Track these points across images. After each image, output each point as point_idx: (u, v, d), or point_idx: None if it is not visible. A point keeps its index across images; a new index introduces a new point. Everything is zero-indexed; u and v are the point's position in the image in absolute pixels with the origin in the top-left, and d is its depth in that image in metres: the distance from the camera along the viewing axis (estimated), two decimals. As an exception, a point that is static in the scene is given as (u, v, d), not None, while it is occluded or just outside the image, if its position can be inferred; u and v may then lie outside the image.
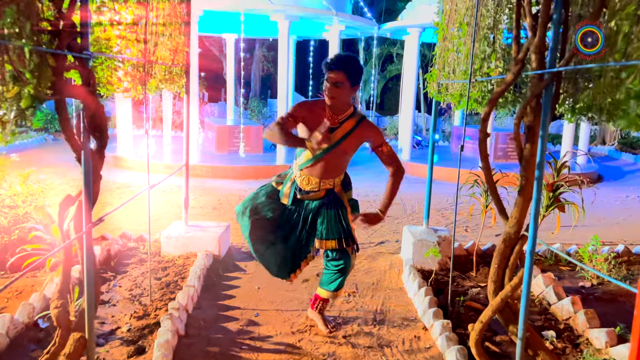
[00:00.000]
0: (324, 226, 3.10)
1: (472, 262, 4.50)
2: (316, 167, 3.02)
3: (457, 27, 3.89)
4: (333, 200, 3.11)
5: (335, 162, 3.04)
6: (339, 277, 3.16)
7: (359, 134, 2.97)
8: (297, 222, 3.18)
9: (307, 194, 3.11)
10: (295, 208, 3.17)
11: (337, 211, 3.11)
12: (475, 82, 3.37)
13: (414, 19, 10.14)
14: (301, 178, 3.09)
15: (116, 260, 4.19)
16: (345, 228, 3.12)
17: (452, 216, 6.58)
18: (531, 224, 2.45)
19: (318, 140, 2.65)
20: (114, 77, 3.12)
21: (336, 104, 2.92)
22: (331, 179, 3.08)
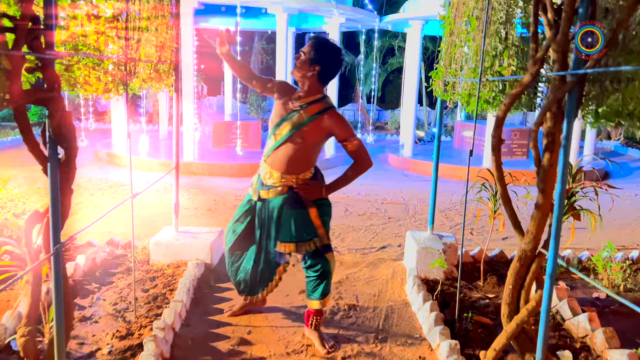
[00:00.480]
0: (281, 227, 2.95)
1: (479, 270, 4.26)
2: (277, 156, 2.89)
3: (464, 21, 3.62)
4: (294, 199, 2.92)
5: (298, 153, 2.87)
6: (320, 283, 3.01)
7: (323, 123, 2.82)
8: (261, 226, 3.06)
9: (268, 189, 2.96)
10: (261, 209, 3.04)
11: (298, 212, 2.91)
12: (486, 82, 3.11)
13: (416, 11, 9.84)
14: (265, 171, 2.97)
15: (102, 269, 3.94)
16: (308, 230, 2.93)
17: (456, 217, 6.34)
18: (551, 243, 2.20)
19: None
20: (93, 76, 2.87)
21: (298, 78, 2.84)
22: (294, 174, 2.90)
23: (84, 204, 6.33)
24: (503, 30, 3.04)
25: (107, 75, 2.90)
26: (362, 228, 5.73)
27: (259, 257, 3.17)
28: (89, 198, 6.62)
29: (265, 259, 3.15)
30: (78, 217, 5.72)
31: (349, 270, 4.31)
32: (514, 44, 2.99)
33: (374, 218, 6.21)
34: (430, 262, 4.06)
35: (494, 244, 5.19)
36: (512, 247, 5.23)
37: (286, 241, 2.94)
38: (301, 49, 2.86)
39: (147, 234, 5.13)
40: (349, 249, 4.93)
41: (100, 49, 2.84)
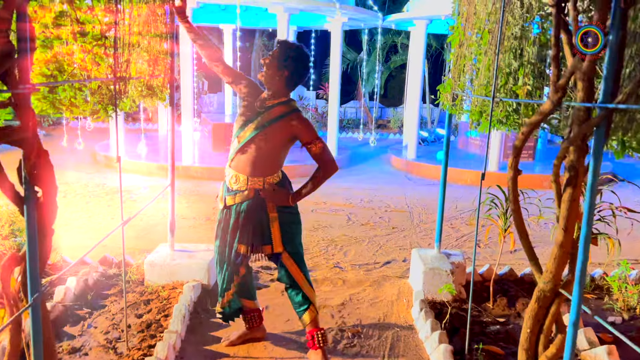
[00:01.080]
0: (242, 229, 2.90)
1: (487, 289, 4.08)
2: (242, 159, 2.85)
3: (474, 33, 3.42)
4: (258, 203, 2.88)
5: (263, 155, 2.83)
6: (296, 294, 2.99)
7: (287, 126, 2.82)
8: (228, 232, 2.97)
9: (235, 194, 2.89)
10: (228, 216, 2.96)
11: (261, 216, 2.90)
12: (499, 100, 2.91)
13: (420, 11, 9.61)
14: (230, 176, 2.93)
15: (94, 292, 3.77)
16: (264, 235, 2.93)
17: (462, 228, 6.15)
18: (575, 288, 2.01)
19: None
20: (79, 97, 2.68)
21: (266, 81, 2.83)
22: (260, 177, 2.86)
23: (79, 213, 6.16)
24: (518, 47, 2.84)
25: (94, 96, 2.71)
26: (365, 239, 5.55)
27: (226, 260, 3.04)
28: (84, 206, 6.45)
29: (228, 262, 3.04)
30: (73, 229, 5.55)
31: (353, 290, 4.13)
32: (529, 61, 2.80)
33: (377, 228, 6.03)
34: (438, 284, 3.89)
35: (502, 258, 5.01)
36: (520, 262, 5.05)
37: (242, 242, 2.93)
38: (270, 52, 2.83)
39: (143, 248, 4.97)
40: (352, 265, 4.75)
41: (87, 68, 2.66)
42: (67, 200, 6.67)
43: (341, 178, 8.74)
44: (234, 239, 2.94)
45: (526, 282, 4.34)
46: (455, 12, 3.80)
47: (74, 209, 6.30)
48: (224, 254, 3.01)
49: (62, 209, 6.20)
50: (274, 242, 2.93)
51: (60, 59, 2.56)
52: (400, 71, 19.65)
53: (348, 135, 14.67)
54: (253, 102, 2.87)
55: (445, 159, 4.07)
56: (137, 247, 5.00)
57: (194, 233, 5.60)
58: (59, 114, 2.65)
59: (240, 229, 2.91)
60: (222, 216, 2.99)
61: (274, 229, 2.92)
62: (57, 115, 2.65)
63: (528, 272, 4.39)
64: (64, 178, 7.96)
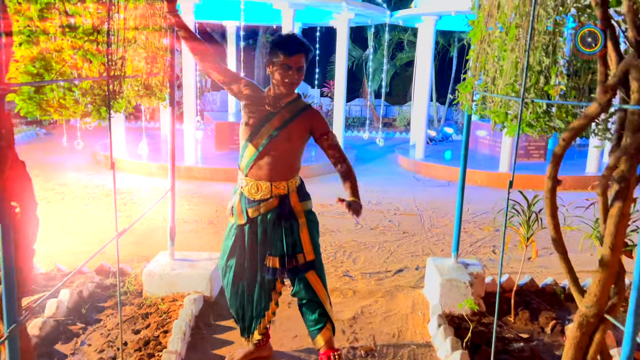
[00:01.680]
0: (272, 241, 2.68)
1: (507, 301, 3.84)
2: (262, 165, 2.62)
3: (496, 28, 3.17)
4: (288, 209, 2.66)
5: (283, 156, 2.63)
6: (312, 312, 2.72)
7: (306, 120, 2.64)
8: (253, 248, 2.73)
9: (258, 204, 2.65)
10: (253, 230, 2.71)
11: (289, 223, 2.67)
12: (529, 101, 2.66)
13: (429, 6, 9.34)
14: (249, 186, 2.66)
15: (89, 304, 3.54)
16: (295, 243, 2.67)
17: (476, 232, 5.90)
18: (629, 317, 1.76)
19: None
20: (69, 98, 2.44)
21: (295, 84, 2.60)
22: (283, 181, 2.65)
23: (77, 216, 5.93)
24: (550, 42, 2.59)
25: (86, 97, 2.47)
26: (375, 245, 5.30)
27: (254, 283, 2.80)
28: (83, 209, 6.22)
29: (261, 283, 2.80)
30: (69, 234, 5.32)
31: (364, 302, 3.89)
32: (563, 58, 2.54)
33: (387, 232, 5.78)
34: (456, 296, 3.64)
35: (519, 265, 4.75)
36: (539, 270, 4.80)
37: (273, 254, 2.69)
38: (293, 60, 2.53)
39: (143, 255, 4.74)
40: (362, 274, 4.50)
41: (77, 66, 2.42)
42: (64, 203, 6.44)
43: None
44: (264, 254, 2.71)
45: (548, 293, 4.09)
46: (475, 5, 3.54)
47: (72, 212, 6.07)
48: (242, 276, 2.76)
49: (59, 212, 6.01)
50: (305, 250, 2.69)
51: (48, 55, 2.32)
52: (405, 69, 19.36)
53: (353, 134, 14.40)
54: (258, 103, 2.63)
55: (463, 164, 3.82)
56: (136, 254, 4.77)
57: (196, 238, 5.37)
58: (47, 117, 2.42)
59: (271, 241, 2.68)
60: (237, 232, 2.73)
61: (304, 235, 2.70)
62: (45, 117, 2.41)
63: (550, 283, 4.14)
64: (63, 179, 7.74)
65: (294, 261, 2.68)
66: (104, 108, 2.55)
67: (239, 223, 2.71)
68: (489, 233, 5.84)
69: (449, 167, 9.22)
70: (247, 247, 2.73)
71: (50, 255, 4.64)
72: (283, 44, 2.52)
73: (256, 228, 2.69)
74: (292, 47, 2.51)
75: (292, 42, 2.53)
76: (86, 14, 2.43)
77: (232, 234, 2.76)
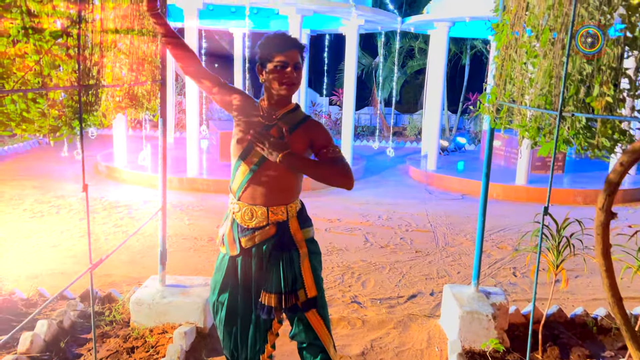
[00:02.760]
0: (267, 275, 2.31)
1: (534, 335, 3.45)
2: (257, 188, 2.24)
3: (523, 32, 2.81)
4: (287, 239, 2.28)
5: (281, 176, 2.23)
6: (315, 355, 2.34)
7: (306, 132, 2.24)
8: (250, 283, 2.35)
9: (253, 233, 2.26)
10: (246, 262, 2.33)
11: (290, 255, 2.29)
12: (568, 115, 2.29)
13: (443, 12, 9.00)
14: (242, 212, 2.27)
15: (69, 337, 3.20)
16: (295, 277, 2.29)
17: (494, 252, 5.50)
18: None
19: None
20: (34, 111, 2.11)
21: (291, 96, 2.25)
22: (282, 205, 2.27)
23: (71, 232, 5.61)
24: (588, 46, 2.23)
25: (54, 109, 2.14)
26: (385, 266, 4.93)
27: (248, 322, 2.42)
28: (78, 224, 5.91)
29: (256, 322, 2.41)
30: (61, 251, 5.00)
31: (374, 334, 3.52)
32: (609, 65, 2.18)
33: (398, 251, 5.41)
34: (477, 330, 3.27)
35: (541, 291, 4.36)
36: (565, 297, 4.40)
37: (269, 291, 2.30)
38: (289, 56, 2.17)
39: (135, 276, 4.40)
40: (372, 300, 4.13)
41: (43, 74, 2.09)
42: (59, 217, 6.13)
43: (357, 191, 8.14)
44: (259, 289, 2.33)
45: (578, 324, 3.69)
46: (500, 7, 3.18)
47: (65, 227, 5.76)
48: (235, 313, 2.39)
49: (52, 227, 5.69)
50: (307, 285, 2.31)
51: (7, 61, 1.99)
52: (415, 77, 19.01)
53: (362, 144, 14.04)
54: (250, 115, 2.28)
55: (485, 182, 3.44)
56: (128, 275, 4.43)
57: (194, 257, 5.02)
58: (8, 132, 2.09)
59: (266, 275, 2.31)
60: (229, 264, 2.37)
61: (305, 268, 2.32)
62: (6, 133, 2.08)
63: (580, 313, 3.75)
64: (60, 190, 7.45)
65: (294, 298, 2.31)
66: (76, 122, 2.22)
67: (231, 254, 2.35)
68: (508, 252, 5.45)
69: (463, 179, 8.83)
70: (240, 281, 2.37)
71: (36, 276, 4.32)
72: (273, 42, 2.19)
73: (250, 260, 2.32)
74: (284, 42, 2.18)
75: (283, 38, 2.20)
76: (57, 14, 2.10)
77: (223, 267, 2.39)
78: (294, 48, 2.17)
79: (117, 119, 9.02)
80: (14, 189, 7.44)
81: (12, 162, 9.70)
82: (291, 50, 2.16)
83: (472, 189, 8.45)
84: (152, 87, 3.06)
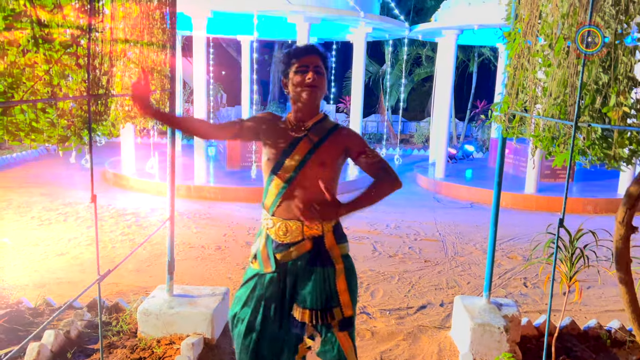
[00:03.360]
0: (301, 290, 2.25)
1: (548, 347, 3.38)
2: (291, 201, 2.17)
3: (535, 40, 2.78)
4: (323, 255, 2.22)
5: (315, 189, 2.09)
6: None
7: (340, 138, 2.22)
8: (284, 300, 2.29)
9: (288, 249, 2.21)
10: (280, 278, 2.27)
11: (325, 271, 2.22)
12: (584, 125, 2.25)
13: (450, 20, 8.98)
14: (276, 227, 2.22)
15: (76, 348, 3.17)
16: (331, 295, 2.22)
17: (504, 262, 5.44)
18: None
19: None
20: (43, 121, 2.10)
21: (314, 101, 2.19)
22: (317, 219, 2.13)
23: (79, 240, 5.60)
24: (610, 56, 2.19)
25: (63, 119, 2.13)
26: (394, 276, 4.88)
27: (279, 340, 2.35)
28: (85, 232, 5.90)
29: (286, 337, 2.34)
30: (67, 260, 4.99)
31: (384, 346, 3.47)
32: (626, 74, 2.14)
33: (407, 261, 5.35)
34: (489, 343, 3.21)
35: (555, 301, 4.29)
36: (579, 309, 4.34)
37: (303, 307, 2.24)
38: (308, 61, 2.17)
39: (143, 285, 4.38)
40: (381, 310, 4.08)
41: (53, 83, 2.08)
42: (67, 225, 6.13)
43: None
44: (292, 304, 2.28)
45: (591, 337, 3.62)
46: (512, 15, 3.15)
47: (73, 235, 5.75)
48: (254, 329, 2.31)
49: (60, 235, 5.69)
50: (343, 304, 2.24)
51: (17, 71, 1.98)
52: (422, 84, 18.99)
53: (370, 151, 13.98)
54: (280, 131, 2.23)
55: (497, 191, 3.39)
56: (135, 284, 4.41)
57: (201, 266, 5.00)
58: (17, 142, 2.07)
59: (301, 290, 2.25)
60: (259, 280, 2.29)
61: (341, 285, 2.24)
62: (15, 143, 2.07)
63: (593, 326, 3.68)
64: (68, 198, 7.46)
65: (328, 316, 2.23)
66: (85, 131, 2.21)
67: (265, 271, 2.26)
68: (519, 262, 5.38)
69: (472, 187, 8.77)
70: (271, 298, 2.28)
71: (43, 285, 4.30)
72: (294, 50, 2.21)
73: (285, 276, 2.25)
74: (304, 49, 2.19)
75: (303, 46, 2.22)
76: (67, 24, 2.09)
77: (251, 283, 2.32)
78: (313, 53, 2.17)
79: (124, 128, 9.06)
80: (22, 196, 7.46)
81: (20, 169, 9.74)
82: (310, 55, 2.16)
83: (481, 197, 8.39)
84: (162, 96, 3.05)
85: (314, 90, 2.15)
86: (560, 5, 2.49)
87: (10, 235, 5.64)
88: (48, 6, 2.01)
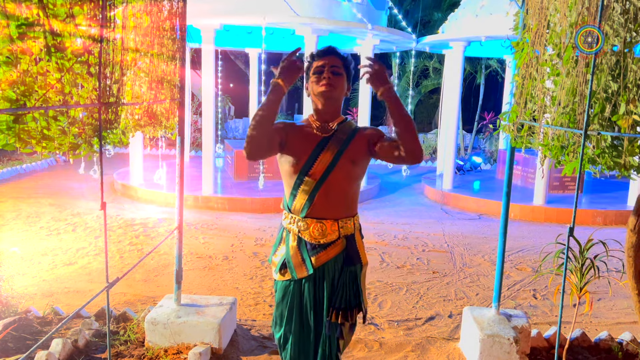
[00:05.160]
0: (335, 290, 2.23)
1: (558, 359, 3.34)
2: (327, 200, 2.18)
3: (543, 49, 2.78)
4: (354, 253, 2.24)
5: (348, 185, 2.21)
6: None
7: (363, 137, 2.24)
8: (322, 305, 2.26)
9: (324, 249, 2.19)
10: (315, 282, 2.25)
11: (355, 269, 2.25)
12: (593, 134, 2.24)
13: (457, 32, 9.01)
14: (311, 229, 2.20)
15: (84, 357, 3.17)
16: (357, 292, 2.26)
17: (513, 273, 5.39)
18: None
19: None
20: (55, 128, 2.12)
21: (332, 101, 2.20)
22: (350, 217, 2.24)
23: (87, 250, 5.62)
24: (619, 65, 2.19)
25: (74, 127, 2.15)
26: (402, 287, 4.85)
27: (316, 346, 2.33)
28: (93, 242, 5.92)
29: (324, 340, 2.30)
30: (76, 269, 5.00)
31: (392, 358, 3.44)
32: (636, 83, 2.13)
33: (415, 272, 5.32)
34: (498, 354, 3.18)
35: (565, 313, 4.24)
36: (587, 320, 4.28)
37: (337, 307, 2.22)
38: (325, 62, 2.18)
39: (150, 295, 4.38)
40: (389, 321, 4.05)
41: (64, 92, 2.10)
42: (75, 235, 6.15)
43: (372, 210, 8.09)
44: (328, 307, 2.23)
45: (602, 349, 3.58)
46: (520, 25, 3.16)
47: (81, 245, 5.77)
48: (303, 339, 2.29)
49: (68, 245, 5.71)
50: (364, 302, 2.29)
51: (29, 80, 2.01)
52: (429, 96, 18.99)
53: (377, 162, 13.95)
54: (305, 133, 2.24)
55: (505, 201, 3.38)
56: (143, 294, 4.41)
57: (209, 276, 4.99)
58: (28, 150, 2.09)
59: (336, 291, 2.22)
60: (295, 290, 2.26)
61: (363, 283, 2.30)
62: (27, 150, 2.09)
63: (604, 338, 3.63)
64: (77, 208, 7.50)
65: (354, 315, 2.25)
66: (96, 139, 2.22)
67: (299, 277, 2.23)
68: (528, 274, 5.33)
69: (480, 198, 8.73)
70: (309, 305, 2.25)
71: (51, 294, 4.32)
72: (314, 52, 2.26)
73: (321, 279, 2.22)
74: (323, 50, 2.23)
75: (322, 48, 2.25)
76: (78, 33, 2.12)
77: (288, 296, 2.27)
78: (331, 54, 2.20)
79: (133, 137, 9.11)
80: (31, 207, 7.51)
81: (29, 179, 9.81)
82: (328, 56, 2.19)
83: (489, 209, 8.35)
84: (171, 105, 3.08)
85: (329, 89, 2.15)
86: (568, 14, 2.50)
87: (19, 245, 5.67)
88: (61, 16, 2.04)
